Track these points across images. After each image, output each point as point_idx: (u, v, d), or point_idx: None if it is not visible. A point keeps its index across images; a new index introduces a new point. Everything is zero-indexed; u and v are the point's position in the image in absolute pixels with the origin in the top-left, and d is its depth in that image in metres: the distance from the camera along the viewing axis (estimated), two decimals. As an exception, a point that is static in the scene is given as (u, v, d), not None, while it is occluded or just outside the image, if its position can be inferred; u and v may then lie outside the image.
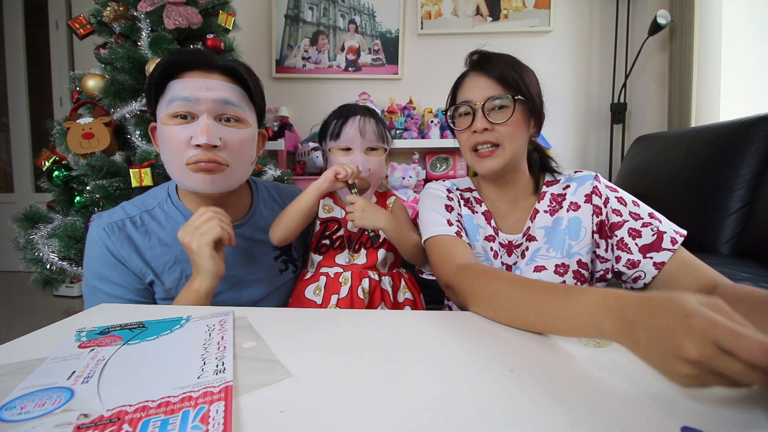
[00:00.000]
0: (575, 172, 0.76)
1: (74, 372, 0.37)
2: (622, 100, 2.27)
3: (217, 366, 0.38)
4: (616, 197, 0.70)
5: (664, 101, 2.16)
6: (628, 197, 0.71)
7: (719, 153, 1.33)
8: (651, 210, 0.69)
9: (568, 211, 0.72)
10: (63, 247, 1.20)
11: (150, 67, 1.21)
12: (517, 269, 0.73)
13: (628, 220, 0.68)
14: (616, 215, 0.69)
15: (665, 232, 0.65)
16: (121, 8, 1.31)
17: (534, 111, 0.71)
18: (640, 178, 1.72)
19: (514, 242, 0.74)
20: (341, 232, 0.82)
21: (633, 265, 0.67)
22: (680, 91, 1.98)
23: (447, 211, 0.75)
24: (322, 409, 0.32)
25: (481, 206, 0.79)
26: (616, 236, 0.69)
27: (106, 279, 0.69)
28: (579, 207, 0.72)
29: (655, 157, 1.66)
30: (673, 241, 0.65)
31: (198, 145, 0.65)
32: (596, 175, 0.73)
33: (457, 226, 0.73)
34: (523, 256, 0.73)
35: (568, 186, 0.74)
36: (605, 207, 0.70)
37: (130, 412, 0.31)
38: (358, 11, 2.43)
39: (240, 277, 0.76)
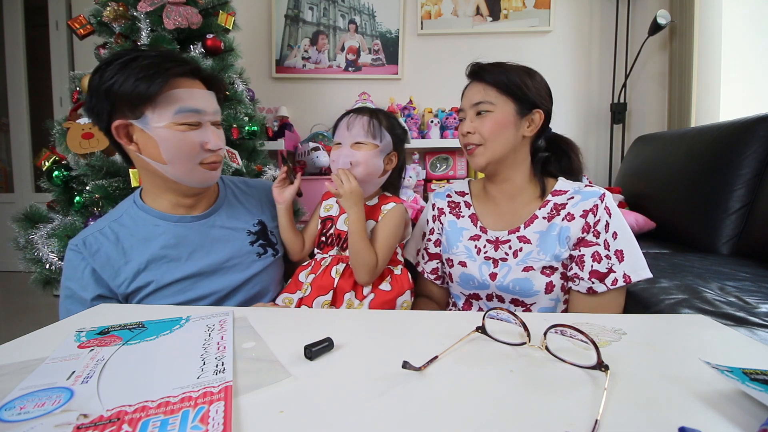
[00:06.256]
0: (586, 185, 0.77)
1: (74, 372, 0.37)
2: (622, 100, 2.27)
3: (216, 366, 0.38)
4: (606, 221, 0.72)
5: (664, 101, 2.16)
6: (617, 226, 0.72)
7: (719, 153, 1.33)
8: (627, 246, 0.72)
9: (563, 219, 0.75)
10: (63, 247, 1.19)
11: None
12: (506, 266, 0.77)
13: (599, 245, 0.72)
14: (594, 236, 0.72)
15: (615, 272, 0.71)
16: (121, 8, 1.30)
17: (524, 111, 0.76)
18: (640, 178, 1.72)
19: (500, 238, 0.79)
20: (332, 230, 0.85)
21: (576, 277, 0.74)
22: (680, 91, 1.97)
23: (422, 239, 0.92)
24: (322, 409, 0.32)
25: (469, 209, 0.86)
26: (580, 252, 0.73)
27: (76, 297, 0.73)
28: (573, 218, 0.74)
29: (655, 157, 1.66)
30: (614, 282, 0.70)
31: (210, 150, 0.74)
32: (603, 194, 0.74)
33: (425, 245, 0.91)
34: (515, 255, 0.77)
35: (572, 197, 0.76)
36: (594, 227, 0.73)
37: (130, 412, 0.31)
38: (358, 11, 2.43)
39: (219, 265, 0.79)
